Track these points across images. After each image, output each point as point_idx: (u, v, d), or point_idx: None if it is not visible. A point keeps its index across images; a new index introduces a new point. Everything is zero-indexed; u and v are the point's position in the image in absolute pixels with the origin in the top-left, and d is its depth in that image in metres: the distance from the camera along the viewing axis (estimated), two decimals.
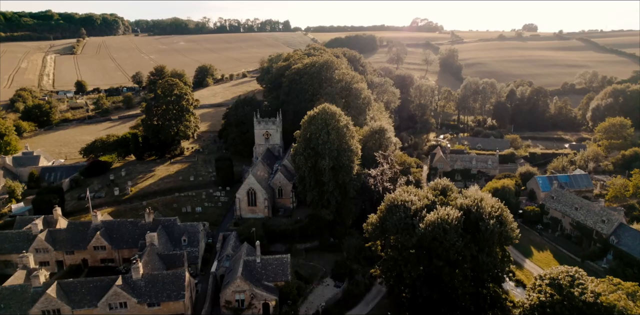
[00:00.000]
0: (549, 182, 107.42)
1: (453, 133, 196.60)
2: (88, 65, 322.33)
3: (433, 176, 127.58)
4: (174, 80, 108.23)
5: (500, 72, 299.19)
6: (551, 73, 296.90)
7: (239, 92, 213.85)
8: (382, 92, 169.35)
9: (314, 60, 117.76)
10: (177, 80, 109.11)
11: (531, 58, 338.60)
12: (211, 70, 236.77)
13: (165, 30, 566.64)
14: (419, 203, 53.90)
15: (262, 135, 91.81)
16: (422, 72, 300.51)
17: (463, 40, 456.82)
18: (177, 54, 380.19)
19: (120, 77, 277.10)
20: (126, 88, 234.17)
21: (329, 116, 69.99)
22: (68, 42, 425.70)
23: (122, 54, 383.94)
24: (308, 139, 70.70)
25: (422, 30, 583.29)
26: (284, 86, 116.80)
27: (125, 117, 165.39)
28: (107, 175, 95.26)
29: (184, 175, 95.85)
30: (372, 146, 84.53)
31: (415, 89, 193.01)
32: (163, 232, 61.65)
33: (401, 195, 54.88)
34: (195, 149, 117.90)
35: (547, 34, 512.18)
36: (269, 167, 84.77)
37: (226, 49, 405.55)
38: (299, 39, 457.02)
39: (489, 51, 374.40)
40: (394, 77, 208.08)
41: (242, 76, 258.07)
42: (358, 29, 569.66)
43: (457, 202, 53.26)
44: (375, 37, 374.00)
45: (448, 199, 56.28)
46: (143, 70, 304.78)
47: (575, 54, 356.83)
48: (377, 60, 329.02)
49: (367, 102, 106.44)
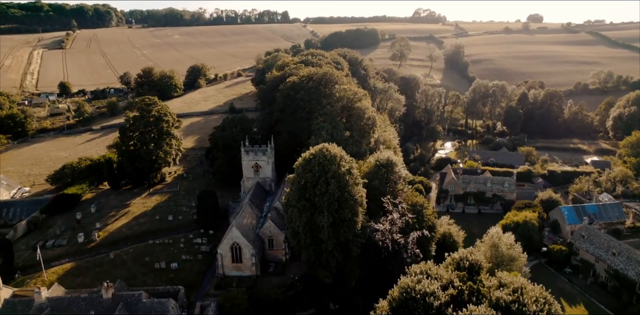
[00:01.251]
0: (575, 213, 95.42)
1: (461, 140, 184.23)
2: (76, 61, 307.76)
3: (443, 199, 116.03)
4: (152, 98, 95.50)
5: (508, 70, 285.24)
6: (561, 71, 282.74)
7: (233, 94, 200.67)
8: (386, 99, 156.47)
9: (311, 72, 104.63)
10: (156, 99, 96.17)
11: (540, 54, 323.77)
12: (204, 70, 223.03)
13: (159, 21, 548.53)
14: (442, 296, 41.87)
15: (250, 168, 79.56)
16: (426, 70, 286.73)
17: (467, 33, 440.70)
18: (171, 49, 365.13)
19: (109, 76, 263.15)
20: (114, 89, 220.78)
21: (328, 161, 57.56)
22: (57, 35, 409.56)
23: (113, 48, 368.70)
24: (302, 187, 58.44)
25: (425, 22, 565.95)
26: (278, 102, 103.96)
27: (107, 127, 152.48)
28: (73, 213, 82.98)
29: (162, 213, 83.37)
30: (379, 185, 72.24)
31: (421, 93, 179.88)
32: (124, 313, 50.03)
33: (419, 283, 42.79)
34: (179, 173, 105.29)
35: (554, 25, 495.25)
36: (258, 209, 72.75)
37: (222, 43, 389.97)
38: (297, 32, 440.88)
39: (495, 46, 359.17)
40: (398, 80, 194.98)
41: (236, 75, 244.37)
42: (358, 20, 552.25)
43: (493, 296, 41.17)
44: (377, 31, 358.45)
45: (478, 284, 44.20)
46: (134, 67, 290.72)
47: (586, 50, 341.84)
48: (379, 55, 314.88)
49: (371, 122, 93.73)
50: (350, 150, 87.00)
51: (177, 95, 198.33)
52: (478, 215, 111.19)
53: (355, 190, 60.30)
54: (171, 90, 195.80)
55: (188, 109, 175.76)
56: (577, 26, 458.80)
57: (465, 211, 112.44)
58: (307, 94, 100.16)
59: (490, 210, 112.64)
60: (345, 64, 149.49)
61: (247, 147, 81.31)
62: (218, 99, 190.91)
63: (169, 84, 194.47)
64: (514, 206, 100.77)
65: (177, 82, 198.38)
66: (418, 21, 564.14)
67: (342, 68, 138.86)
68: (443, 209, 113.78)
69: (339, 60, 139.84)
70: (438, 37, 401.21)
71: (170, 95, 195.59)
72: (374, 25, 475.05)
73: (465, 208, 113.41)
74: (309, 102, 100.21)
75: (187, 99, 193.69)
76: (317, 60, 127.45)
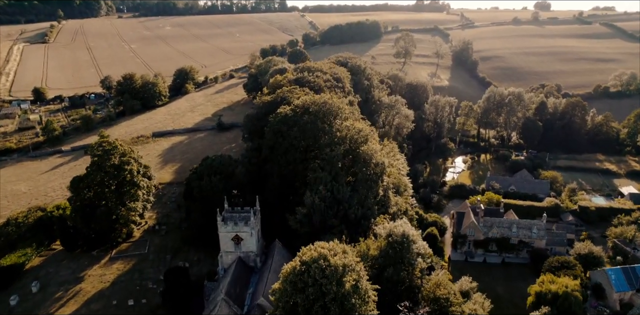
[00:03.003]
0: (625, 277, 79.54)
1: (473, 154, 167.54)
2: (59, 58, 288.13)
3: (461, 245, 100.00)
4: (115, 142, 77.88)
5: (520, 69, 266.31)
6: (578, 70, 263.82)
7: (223, 103, 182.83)
8: (393, 115, 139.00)
9: (307, 102, 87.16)
10: (118, 143, 78.45)
11: (553, 49, 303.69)
12: (192, 73, 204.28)
13: (151, 10, 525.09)
14: None
15: (230, 240, 63.03)
16: (432, 67, 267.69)
17: (474, 24, 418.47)
18: (161, 43, 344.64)
19: (91, 76, 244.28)
20: (94, 95, 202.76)
21: (328, 278, 41.02)
22: (42, 26, 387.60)
23: (100, 42, 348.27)
24: (291, 311, 42.11)
25: (428, 10, 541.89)
26: (268, 138, 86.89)
27: (79, 148, 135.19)
28: (7, 295, 66.27)
29: (122, 293, 66.21)
30: (392, 274, 55.93)
31: (430, 104, 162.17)
32: None
33: None
34: (150, 225, 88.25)
35: (564, 13, 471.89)
36: (238, 304, 56.37)
37: (215, 35, 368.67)
38: (295, 23, 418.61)
39: (504, 39, 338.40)
40: (404, 86, 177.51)
41: (228, 77, 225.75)
42: (359, 9, 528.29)
43: None
44: (379, 24, 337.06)
45: None
46: (120, 65, 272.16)
47: (602, 44, 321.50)
48: (382, 51, 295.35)
49: (380, 169, 76.96)
50: (354, 213, 70.69)
51: (161, 104, 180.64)
52: (502, 266, 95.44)
53: (364, 310, 43.82)
54: (155, 99, 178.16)
55: (172, 122, 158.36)
56: (589, 16, 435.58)
57: (486, 260, 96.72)
58: (301, 130, 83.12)
59: (515, 259, 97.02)
60: (346, 76, 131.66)
61: (226, 212, 64.59)
62: (206, 109, 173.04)
63: (153, 92, 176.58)
64: (548, 265, 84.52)
65: (161, 89, 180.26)
66: (421, 10, 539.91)
67: (343, 85, 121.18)
68: (461, 257, 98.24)
69: (339, 74, 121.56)
70: (443, 29, 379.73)
71: (153, 104, 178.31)
72: (376, 15, 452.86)
73: (487, 256, 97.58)
74: (304, 140, 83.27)
75: (173, 108, 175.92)
76: (314, 79, 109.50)
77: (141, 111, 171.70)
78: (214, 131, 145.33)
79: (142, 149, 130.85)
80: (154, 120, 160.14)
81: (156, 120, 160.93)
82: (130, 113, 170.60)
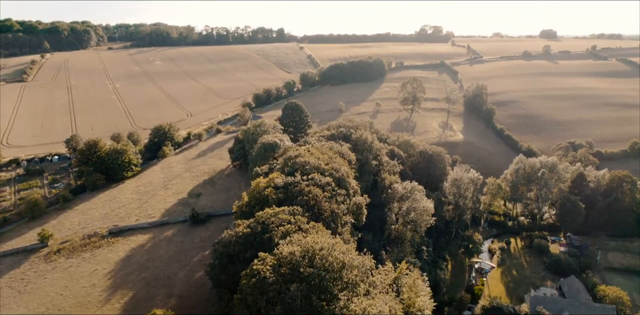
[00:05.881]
0: None
1: (501, 240, 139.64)
2: (33, 102, 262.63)
3: None
4: None
5: (540, 117, 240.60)
6: (604, 118, 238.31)
7: (204, 173, 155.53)
8: (408, 211, 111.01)
9: (294, 256, 59.40)
10: None
11: (572, 92, 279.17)
12: (171, 131, 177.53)
13: (144, 40, 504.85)
14: None
15: None
16: (442, 114, 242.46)
17: (482, 58, 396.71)
18: (147, 82, 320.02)
19: (63, 126, 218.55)
20: (58, 157, 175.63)
21: None
22: (23, 61, 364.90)
23: (83, 79, 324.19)
24: None
25: (431, 40, 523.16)
26: (239, 308, 58.99)
27: (10, 254, 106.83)
28: None
29: None
30: None
31: (452, 184, 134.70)
32: None
33: None
34: None
35: (574, 45, 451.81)
36: None
37: (207, 72, 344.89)
38: (293, 57, 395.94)
39: (518, 79, 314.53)
40: (416, 156, 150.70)
41: (215, 132, 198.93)
42: (360, 40, 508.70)
43: None
44: (383, 62, 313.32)
45: None
46: (98, 111, 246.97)
47: (624, 85, 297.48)
48: (387, 93, 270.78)
49: None
50: None
51: (130, 175, 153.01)
52: None
53: None
54: (123, 170, 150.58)
55: (138, 206, 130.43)
56: (602, 50, 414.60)
57: None
58: (292, 298, 55.25)
59: None
60: (352, 154, 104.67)
61: None
62: (183, 184, 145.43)
63: (121, 162, 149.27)
64: None
65: (131, 157, 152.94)
66: (425, 40, 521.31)
67: (347, 185, 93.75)
68: None
69: (342, 172, 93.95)
70: (450, 65, 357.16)
71: (121, 176, 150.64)
72: (378, 48, 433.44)
73: None
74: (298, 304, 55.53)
75: (144, 182, 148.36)
76: (309, 189, 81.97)
77: (105, 187, 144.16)
78: (187, 225, 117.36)
79: (90, 258, 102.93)
80: (118, 203, 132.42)
81: (120, 202, 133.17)
82: (92, 189, 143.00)
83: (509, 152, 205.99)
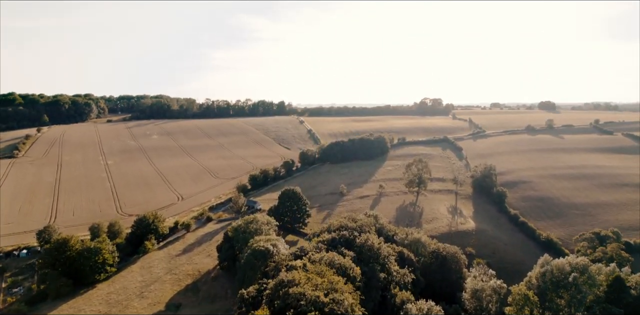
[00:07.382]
0: None
1: None
2: (18, 181, 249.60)
3: None
4: None
5: (556, 200, 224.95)
6: (624, 201, 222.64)
7: (188, 276, 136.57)
8: None
9: None
10: None
11: (584, 171, 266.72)
12: (156, 222, 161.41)
13: (144, 112, 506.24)
14: None
15: None
16: (450, 197, 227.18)
17: (485, 132, 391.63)
18: (142, 158, 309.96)
19: (43, 209, 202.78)
20: (27, 250, 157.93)
21: None
22: (18, 135, 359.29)
23: (76, 155, 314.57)
24: None
25: (432, 112, 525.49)
26: None
27: None
28: None
29: None
30: None
31: (471, 295, 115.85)
32: None
33: None
34: None
35: (578, 120, 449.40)
36: None
37: (204, 148, 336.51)
38: (292, 131, 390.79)
39: (524, 155, 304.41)
40: (428, 255, 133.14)
41: (205, 220, 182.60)
42: (360, 113, 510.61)
43: None
44: (385, 139, 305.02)
45: None
46: (85, 192, 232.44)
47: (635, 162, 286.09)
48: (390, 173, 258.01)
49: None
50: None
51: (103, 278, 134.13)
52: None
53: None
54: (95, 272, 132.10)
55: None
56: (605, 124, 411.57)
57: None
58: None
59: None
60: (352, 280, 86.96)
61: None
62: (162, 290, 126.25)
63: (92, 263, 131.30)
64: None
65: (107, 257, 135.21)
66: (425, 113, 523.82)
67: None
68: None
69: (345, 305, 76.46)
70: (454, 140, 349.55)
71: (92, 279, 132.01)
72: (379, 122, 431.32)
73: None
74: None
75: (117, 288, 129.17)
76: None
77: (71, 295, 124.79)
78: None
79: None
80: None
81: None
82: (55, 297, 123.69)
83: (525, 241, 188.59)
